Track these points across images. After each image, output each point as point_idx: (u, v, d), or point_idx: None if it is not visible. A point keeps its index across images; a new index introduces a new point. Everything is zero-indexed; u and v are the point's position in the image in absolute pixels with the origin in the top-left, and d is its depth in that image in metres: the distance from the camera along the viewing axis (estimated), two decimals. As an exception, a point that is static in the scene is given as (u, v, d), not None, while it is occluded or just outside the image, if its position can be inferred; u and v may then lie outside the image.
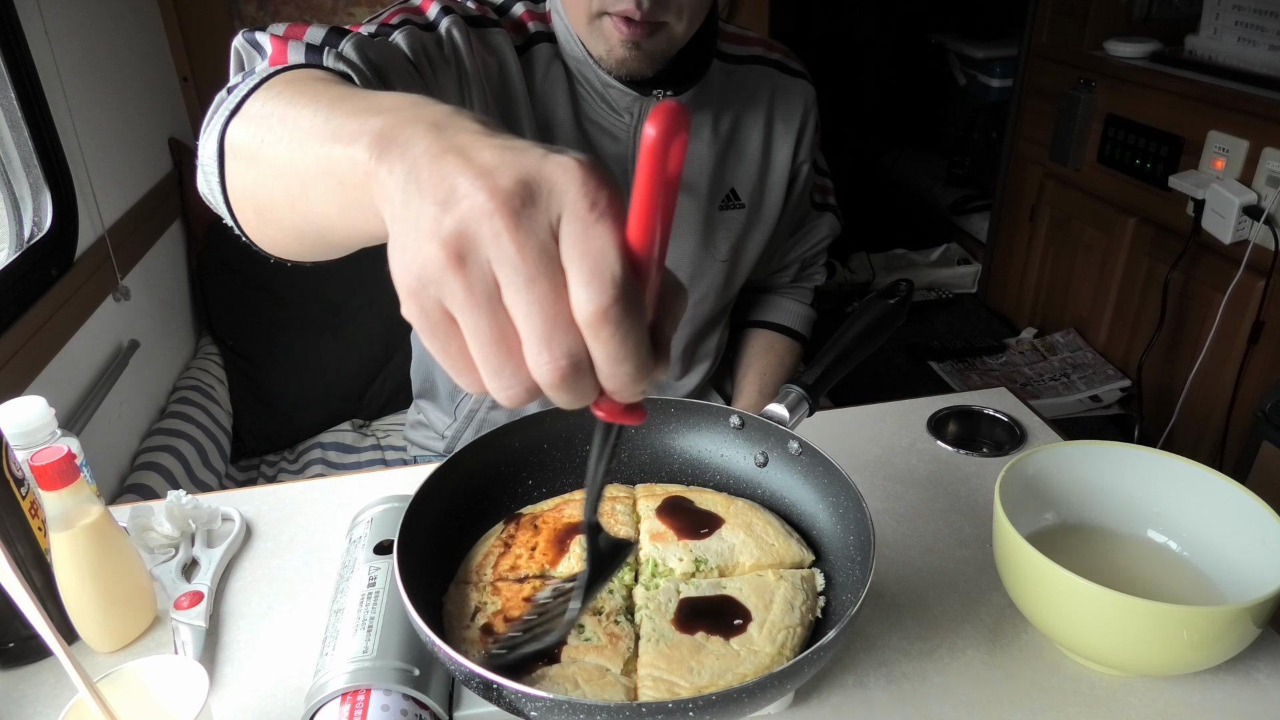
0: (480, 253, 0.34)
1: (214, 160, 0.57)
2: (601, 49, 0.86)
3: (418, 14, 0.86)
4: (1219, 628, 0.60)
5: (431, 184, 0.36)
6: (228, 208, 0.59)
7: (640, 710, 0.49)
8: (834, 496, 0.68)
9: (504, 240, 0.34)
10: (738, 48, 1.04)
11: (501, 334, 0.35)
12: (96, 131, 1.55)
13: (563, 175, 0.35)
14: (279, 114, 0.50)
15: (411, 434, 1.26)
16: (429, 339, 0.36)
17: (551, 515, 0.71)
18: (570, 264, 0.34)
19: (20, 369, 1.22)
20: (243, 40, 0.71)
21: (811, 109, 1.08)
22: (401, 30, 0.81)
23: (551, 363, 0.34)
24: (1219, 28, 1.98)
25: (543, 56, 0.93)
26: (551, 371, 0.34)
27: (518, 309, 0.34)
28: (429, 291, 0.35)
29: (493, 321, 0.35)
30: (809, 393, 0.73)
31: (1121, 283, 2.19)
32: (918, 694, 0.67)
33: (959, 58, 3.15)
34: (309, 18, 1.96)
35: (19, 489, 0.68)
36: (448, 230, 0.34)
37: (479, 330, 0.35)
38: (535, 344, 0.34)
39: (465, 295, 0.34)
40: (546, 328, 0.34)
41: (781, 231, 1.14)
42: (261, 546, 0.85)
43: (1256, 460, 1.63)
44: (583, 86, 0.94)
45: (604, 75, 0.91)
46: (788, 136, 1.06)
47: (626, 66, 0.86)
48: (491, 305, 0.35)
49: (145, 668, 0.58)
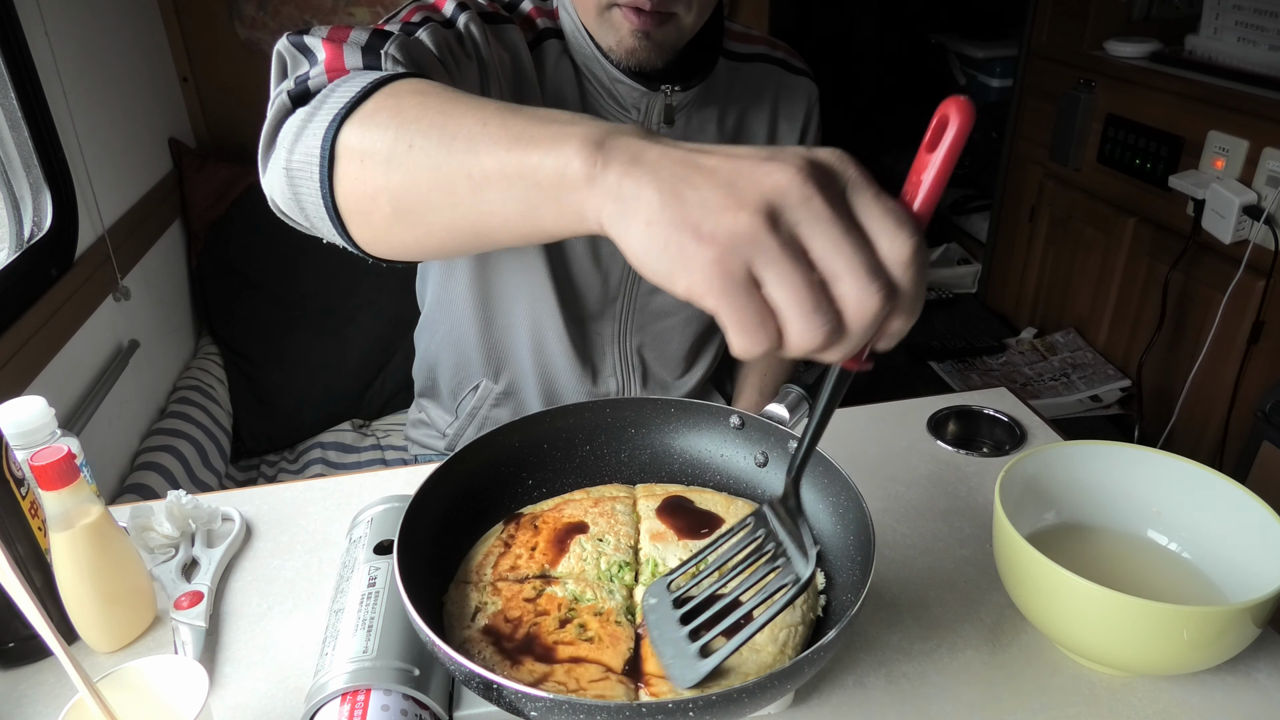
0: (788, 216, 0.40)
1: (317, 164, 0.57)
2: (611, 40, 0.87)
3: (435, 11, 0.86)
4: (1219, 628, 0.60)
5: (708, 174, 0.41)
6: (334, 213, 0.59)
7: (640, 710, 0.49)
8: (834, 496, 0.68)
9: (816, 202, 0.40)
10: (743, 46, 1.05)
11: (811, 281, 0.40)
12: (96, 131, 1.55)
13: (836, 159, 0.42)
14: (429, 120, 0.53)
15: (413, 432, 1.26)
16: (729, 300, 0.41)
17: (551, 515, 0.71)
18: (874, 220, 0.41)
19: (20, 369, 1.22)
20: (288, 44, 0.71)
21: (815, 107, 1.09)
22: (425, 28, 0.81)
23: (878, 292, 0.40)
24: (1219, 28, 1.98)
25: (551, 53, 0.93)
26: (874, 300, 0.40)
27: (839, 256, 0.40)
28: (739, 253, 0.40)
29: (805, 271, 0.40)
30: (809, 393, 0.73)
31: (1121, 283, 2.19)
32: (918, 694, 0.67)
33: (959, 58, 3.15)
34: (308, 18, 1.96)
35: (19, 489, 0.68)
36: (756, 201, 0.40)
37: (794, 280, 0.40)
38: (860, 281, 0.40)
39: (780, 252, 0.40)
40: (869, 266, 0.40)
41: None
42: (261, 546, 0.85)
43: (1256, 460, 1.62)
44: (590, 83, 0.94)
45: (612, 70, 0.91)
46: (791, 134, 1.06)
47: (636, 57, 0.87)
48: (801, 258, 0.40)
49: (145, 668, 0.58)
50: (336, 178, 0.57)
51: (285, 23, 1.97)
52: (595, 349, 1.09)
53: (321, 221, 0.61)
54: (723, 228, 0.40)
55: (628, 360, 1.10)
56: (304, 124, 0.60)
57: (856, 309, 0.40)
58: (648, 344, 1.11)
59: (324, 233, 0.63)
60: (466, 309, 1.06)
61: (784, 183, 0.40)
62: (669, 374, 1.15)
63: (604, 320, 1.07)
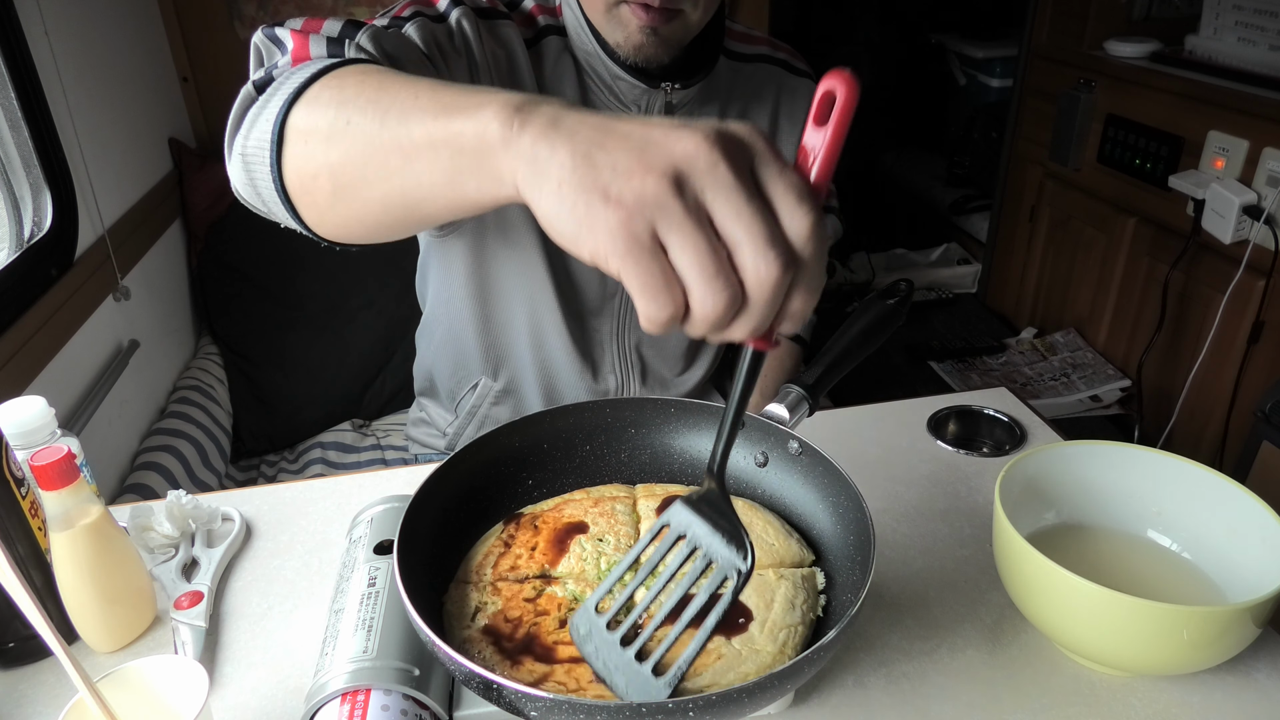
0: (694, 182, 0.41)
1: (268, 148, 0.60)
2: (619, 36, 0.87)
3: (428, 6, 0.87)
4: (1219, 628, 0.60)
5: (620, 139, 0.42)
6: (284, 195, 0.61)
7: (640, 710, 0.49)
8: (834, 496, 0.68)
9: (721, 169, 0.40)
10: (745, 46, 1.05)
11: (714, 247, 0.41)
12: (96, 131, 1.55)
13: (747, 132, 0.42)
14: (367, 97, 0.55)
15: (413, 431, 1.26)
16: (633, 262, 0.41)
17: (551, 515, 0.71)
18: (779, 192, 0.42)
19: (20, 369, 1.22)
20: (262, 36, 0.73)
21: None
22: (413, 22, 0.83)
23: (777, 259, 0.40)
24: (1219, 28, 1.98)
25: (552, 49, 0.94)
26: (774, 268, 0.40)
27: (739, 223, 0.40)
28: (644, 216, 0.40)
29: (709, 236, 0.41)
30: (809, 393, 0.73)
31: (1121, 283, 2.19)
32: (918, 694, 0.67)
33: (959, 58, 3.15)
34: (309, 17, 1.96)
35: (19, 489, 0.68)
36: (663, 166, 0.40)
37: (696, 245, 0.40)
38: (760, 247, 0.40)
39: (683, 216, 0.40)
40: (769, 234, 0.40)
41: None
42: (261, 546, 0.85)
43: (1256, 460, 1.62)
44: (591, 79, 0.94)
45: (613, 68, 0.92)
46: (793, 134, 1.06)
47: (644, 52, 0.88)
48: (705, 224, 0.41)
49: (145, 668, 0.58)
50: (285, 159, 0.60)
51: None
52: (594, 345, 1.09)
53: (275, 205, 0.63)
54: (629, 191, 0.40)
55: (627, 357, 1.11)
56: (259, 111, 0.62)
57: (755, 277, 0.41)
58: (646, 341, 1.11)
59: (279, 216, 0.65)
60: (465, 307, 1.07)
61: (692, 149, 0.40)
62: (668, 371, 1.15)
63: (603, 316, 1.07)
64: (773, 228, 0.41)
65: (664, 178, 0.40)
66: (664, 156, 0.41)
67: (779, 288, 0.41)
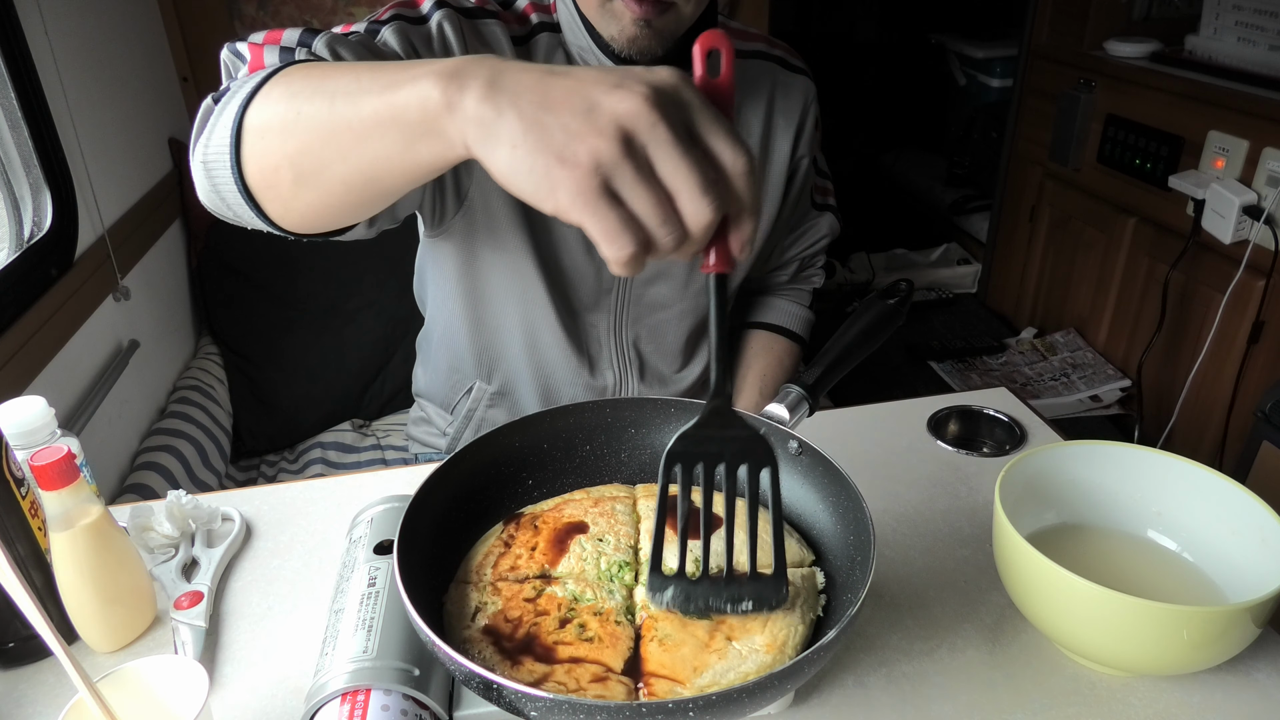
0: (639, 139, 0.46)
1: (227, 150, 0.62)
2: (614, 29, 0.88)
3: (411, 8, 0.89)
4: (1219, 628, 0.60)
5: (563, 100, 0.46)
6: (247, 194, 0.64)
7: (640, 710, 0.49)
8: (834, 496, 0.68)
9: (660, 129, 0.45)
10: (740, 43, 1.05)
11: (660, 197, 0.46)
12: (96, 131, 1.55)
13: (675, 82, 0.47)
14: (313, 87, 0.58)
15: (414, 430, 1.26)
16: (595, 214, 0.46)
17: (551, 515, 0.71)
18: (716, 139, 0.47)
19: (20, 369, 1.22)
20: (227, 52, 0.79)
21: (811, 105, 1.09)
22: (390, 25, 0.85)
23: (710, 204, 0.46)
24: (1219, 28, 1.98)
25: (544, 45, 0.95)
26: (708, 212, 0.46)
27: (678, 174, 0.46)
28: (599, 173, 0.45)
29: (657, 187, 0.46)
30: (809, 393, 0.73)
31: (1121, 283, 2.19)
32: (918, 694, 0.67)
33: (959, 58, 3.15)
34: (309, 18, 1.96)
35: (19, 489, 0.68)
36: (611, 128, 0.45)
37: (646, 196, 0.46)
38: (698, 193, 0.46)
39: (634, 173, 0.45)
40: (705, 181, 0.46)
41: (781, 227, 1.15)
42: (261, 546, 0.85)
43: (1256, 460, 1.62)
44: None
45: (607, 62, 0.93)
46: (787, 130, 1.06)
47: (638, 45, 0.88)
48: (651, 176, 0.46)
49: (145, 668, 0.58)
50: (244, 159, 0.62)
51: (285, 23, 1.98)
52: (591, 342, 1.09)
53: (240, 206, 0.65)
54: (584, 154, 0.45)
55: (624, 353, 1.10)
56: (215, 119, 0.65)
57: (695, 220, 0.47)
58: (644, 336, 1.11)
59: (244, 218, 0.67)
60: (457, 310, 1.07)
61: (634, 110, 0.45)
62: (667, 367, 1.15)
63: (599, 312, 1.07)
64: (706, 175, 0.46)
65: (613, 140, 0.45)
66: (609, 119, 0.45)
67: (713, 225, 0.47)
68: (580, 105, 0.46)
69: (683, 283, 1.06)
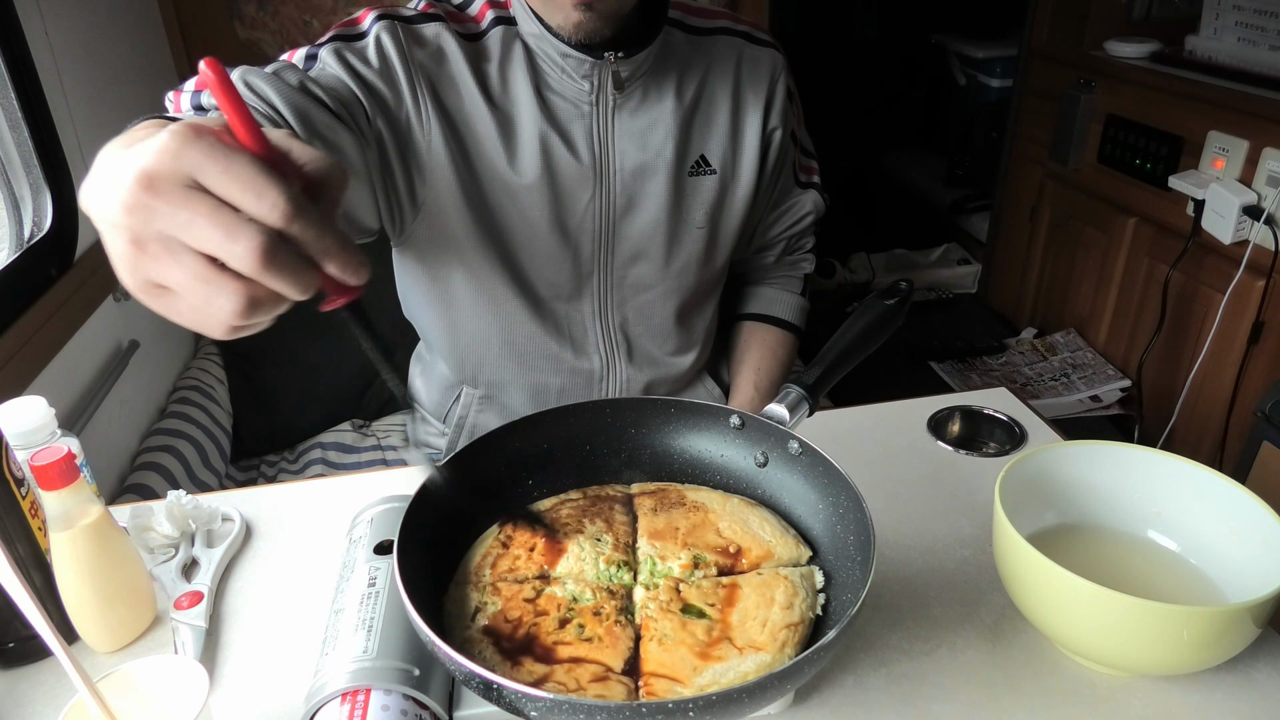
0: (149, 230, 0.44)
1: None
2: (558, 18, 0.89)
3: (352, 25, 0.94)
4: (1219, 628, 0.60)
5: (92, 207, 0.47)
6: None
7: (640, 710, 0.49)
8: (834, 496, 0.68)
9: (162, 214, 0.43)
10: (704, 20, 1.06)
11: (201, 271, 0.44)
12: (96, 132, 1.55)
13: (178, 144, 0.43)
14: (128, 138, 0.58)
15: (414, 430, 1.26)
16: (162, 308, 0.47)
17: (550, 516, 0.71)
18: (232, 194, 0.44)
19: (20, 369, 1.22)
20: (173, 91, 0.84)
21: (781, 75, 1.08)
22: (327, 47, 0.90)
23: (247, 256, 0.43)
24: (1219, 28, 1.98)
25: (500, 39, 0.97)
26: (251, 263, 0.43)
27: (208, 246, 0.44)
28: (140, 274, 0.45)
29: (190, 264, 0.44)
30: (809, 393, 0.73)
31: (1121, 283, 2.19)
32: (918, 694, 0.67)
33: (959, 58, 3.15)
34: (309, 18, 1.96)
35: (19, 489, 0.68)
36: (122, 225, 0.44)
37: (178, 280, 0.45)
38: (231, 255, 0.43)
39: (165, 263, 0.44)
40: (224, 233, 0.43)
41: (761, 201, 1.13)
42: (261, 546, 0.85)
43: (1256, 460, 1.62)
44: (543, 60, 0.97)
45: (560, 45, 0.94)
46: (757, 103, 1.06)
47: (584, 29, 0.88)
48: (181, 255, 0.44)
49: (145, 668, 0.58)
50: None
51: (285, 23, 1.98)
52: (574, 328, 1.08)
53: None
54: (119, 261, 0.46)
55: (611, 336, 1.09)
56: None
57: (249, 271, 0.44)
58: (631, 319, 1.09)
59: None
60: (433, 320, 1.09)
61: (123, 209, 0.43)
62: (657, 349, 1.13)
63: (582, 299, 1.06)
64: (224, 225, 0.43)
65: (131, 241, 0.44)
66: (116, 225, 0.44)
67: (270, 269, 0.44)
68: (98, 215, 0.46)
69: (662, 262, 1.05)
